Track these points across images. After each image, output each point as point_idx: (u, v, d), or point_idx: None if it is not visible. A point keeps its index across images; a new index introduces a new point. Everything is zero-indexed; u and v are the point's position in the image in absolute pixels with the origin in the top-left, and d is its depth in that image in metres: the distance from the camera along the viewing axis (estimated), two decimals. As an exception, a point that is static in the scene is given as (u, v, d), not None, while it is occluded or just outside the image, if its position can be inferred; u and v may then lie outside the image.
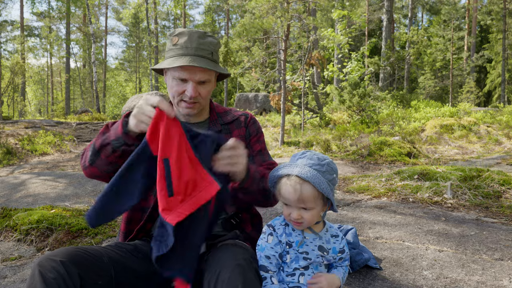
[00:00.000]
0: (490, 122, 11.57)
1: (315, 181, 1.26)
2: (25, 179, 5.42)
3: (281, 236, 1.34)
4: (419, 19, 40.95)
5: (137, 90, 41.49)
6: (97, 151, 1.40)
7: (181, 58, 1.50)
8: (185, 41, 1.53)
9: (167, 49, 1.59)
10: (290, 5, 10.68)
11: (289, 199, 1.28)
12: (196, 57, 1.51)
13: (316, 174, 1.27)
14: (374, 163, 6.95)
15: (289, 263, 1.34)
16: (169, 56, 1.56)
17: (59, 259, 1.14)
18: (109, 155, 1.37)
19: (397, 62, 18.22)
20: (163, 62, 1.55)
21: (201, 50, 1.53)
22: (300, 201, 1.26)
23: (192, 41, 1.52)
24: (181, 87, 1.54)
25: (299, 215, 1.28)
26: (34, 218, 2.75)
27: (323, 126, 13.39)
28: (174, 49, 1.54)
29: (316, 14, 22.48)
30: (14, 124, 13.00)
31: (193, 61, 1.48)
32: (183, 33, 1.55)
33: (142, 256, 1.41)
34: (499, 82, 27.12)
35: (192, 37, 1.53)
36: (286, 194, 1.28)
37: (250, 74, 12.43)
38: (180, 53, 1.52)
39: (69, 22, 30.54)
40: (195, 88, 1.53)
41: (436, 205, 3.30)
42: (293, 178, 1.27)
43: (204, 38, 1.55)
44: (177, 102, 1.57)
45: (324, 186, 1.27)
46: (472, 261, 1.98)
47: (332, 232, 1.42)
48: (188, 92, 1.52)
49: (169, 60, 1.52)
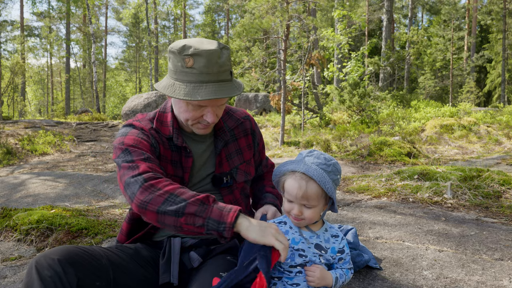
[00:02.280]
0: (490, 122, 11.57)
1: (321, 179, 1.27)
2: (25, 179, 5.43)
3: None
4: (419, 19, 40.96)
5: (137, 90, 41.50)
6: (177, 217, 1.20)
7: (202, 87, 1.32)
8: (204, 65, 1.32)
9: (176, 69, 1.37)
10: (290, 5, 10.68)
11: (293, 194, 1.29)
12: (219, 85, 1.34)
13: (322, 173, 1.29)
14: (374, 163, 6.95)
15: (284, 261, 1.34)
16: (182, 80, 1.35)
17: (57, 257, 1.14)
18: (189, 229, 1.21)
19: (397, 62, 18.22)
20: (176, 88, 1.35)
21: (222, 74, 1.35)
22: (304, 197, 1.28)
23: (213, 65, 1.32)
24: (198, 113, 1.40)
25: (300, 212, 1.29)
26: (34, 218, 2.75)
27: (323, 126, 13.38)
28: (189, 73, 1.33)
29: (316, 14, 22.48)
30: (14, 124, 13.00)
31: (218, 91, 1.33)
32: (199, 53, 1.31)
33: (142, 260, 1.41)
34: (499, 82, 27.12)
35: (212, 59, 1.32)
36: (291, 189, 1.29)
37: (250, 74, 12.44)
38: (199, 80, 1.33)
39: (69, 22, 30.54)
40: (215, 112, 1.41)
41: (436, 205, 3.30)
42: (299, 175, 1.28)
43: (221, 57, 1.34)
44: (192, 124, 1.45)
45: (329, 186, 1.28)
46: (472, 261, 1.98)
47: (333, 232, 1.42)
48: (208, 118, 1.40)
49: (187, 88, 1.33)
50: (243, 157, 1.64)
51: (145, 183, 1.24)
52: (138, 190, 1.24)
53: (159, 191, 1.23)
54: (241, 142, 1.65)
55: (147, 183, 1.25)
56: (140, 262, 1.39)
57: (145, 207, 1.22)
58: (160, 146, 1.49)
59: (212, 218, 1.19)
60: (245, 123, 1.68)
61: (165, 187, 1.24)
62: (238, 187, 1.61)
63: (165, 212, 1.20)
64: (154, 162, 1.38)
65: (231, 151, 1.61)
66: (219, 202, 1.25)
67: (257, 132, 1.72)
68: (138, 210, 1.25)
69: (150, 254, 1.46)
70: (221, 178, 1.55)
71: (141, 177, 1.26)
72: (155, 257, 1.46)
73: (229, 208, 1.21)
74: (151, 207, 1.21)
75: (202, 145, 1.57)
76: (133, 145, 1.39)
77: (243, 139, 1.66)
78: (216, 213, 1.19)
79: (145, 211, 1.23)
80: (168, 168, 1.49)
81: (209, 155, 1.57)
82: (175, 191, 1.23)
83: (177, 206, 1.19)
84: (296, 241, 1.34)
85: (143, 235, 1.52)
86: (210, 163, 1.57)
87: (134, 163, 1.32)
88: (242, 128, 1.67)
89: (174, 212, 1.19)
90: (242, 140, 1.65)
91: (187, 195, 1.22)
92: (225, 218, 1.18)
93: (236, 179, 1.59)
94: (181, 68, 1.35)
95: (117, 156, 1.38)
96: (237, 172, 1.60)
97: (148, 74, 37.41)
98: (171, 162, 1.50)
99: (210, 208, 1.20)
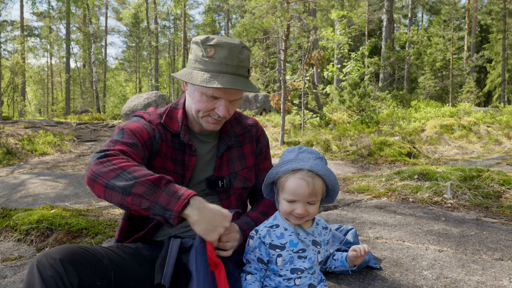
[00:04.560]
0: (490, 122, 11.57)
1: (325, 173, 1.28)
2: (25, 179, 5.43)
3: (264, 238, 1.33)
4: (419, 19, 40.97)
5: (137, 90, 41.51)
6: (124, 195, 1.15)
7: (219, 77, 1.34)
8: (225, 56, 1.35)
9: (196, 58, 1.40)
10: (290, 5, 10.69)
11: (301, 193, 1.26)
12: (236, 77, 1.37)
13: (324, 166, 1.30)
14: (374, 163, 6.95)
15: (282, 265, 1.32)
16: (201, 69, 1.38)
17: (58, 257, 1.13)
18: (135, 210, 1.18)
19: (397, 62, 18.22)
20: (194, 76, 1.38)
21: (240, 68, 1.38)
22: (312, 194, 1.27)
23: (233, 58, 1.36)
24: (211, 105, 1.41)
25: (306, 210, 1.28)
26: (34, 218, 2.75)
27: (323, 126, 13.38)
28: (209, 62, 1.36)
29: (316, 14, 22.49)
30: (14, 124, 13.00)
31: (235, 83, 1.35)
32: (221, 45, 1.36)
33: (142, 260, 1.41)
34: (499, 82, 27.13)
35: (233, 52, 1.36)
36: (297, 188, 1.26)
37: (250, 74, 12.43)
38: (218, 69, 1.35)
39: (69, 22, 30.54)
40: (227, 107, 1.42)
41: (436, 205, 3.30)
42: (305, 172, 1.27)
43: (242, 53, 1.39)
44: (202, 116, 1.45)
45: (333, 177, 1.30)
46: (472, 261, 1.98)
47: (322, 224, 1.44)
48: (220, 111, 1.41)
49: (204, 76, 1.36)
50: (245, 163, 1.63)
51: (103, 157, 1.20)
52: (93, 162, 1.20)
53: (113, 166, 1.17)
54: (245, 148, 1.64)
55: (105, 158, 1.20)
56: (141, 262, 1.39)
57: (95, 179, 1.17)
58: (163, 143, 1.49)
59: (159, 203, 1.14)
60: (252, 130, 1.68)
61: (120, 163, 1.19)
62: (235, 193, 1.61)
63: (113, 188, 1.14)
64: (136, 150, 1.35)
65: (233, 156, 1.61)
66: (174, 185, 1.18)
67: (262, 140, 1.71)
68: (88, 182, 1.20)
69: (150, 254, 1.46)
70: (216, 182, 1.55)
71: (103, 153, 1.23)
72: (156, 257, 1.46)
73: (180, 194, 1.14)
74: (100, 180, 1.16)
75: (206, 146, 1.57)
76: (131, 129, 1.40)
77: (248, 146, 1.66)
78: (164, 198, 1.13)
79: (94, 183, 1.18)
80: (168, 165, 1.49)
81: (211, 157, 1.58)
82: (129, 168, 1.17)
83: (126, 183, 1.13)
84: (294, 242, 1.33)
85: (144, 235, 1.52)
86: (211, 165, 1.57)
87: (114, 143, 1.32)
88: (248, 135, 1.67)
89: (121, 189, 1.14)
90: (246, 147, 1.65)
91: (140, 173, 1.15)
92: (173, 205, 1.13)
93: (233, 184, 1.59)
94: (202, 57, 1.37)
95: (112, 135, 1.41)
96: (236, 178, 1.60)
97: (148, 74, 37.42)
98: (171, 159, 1.50)
99: (159, 192, 1.14)
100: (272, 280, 1.34)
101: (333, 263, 1.55)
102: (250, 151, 1.66)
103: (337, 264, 1.54)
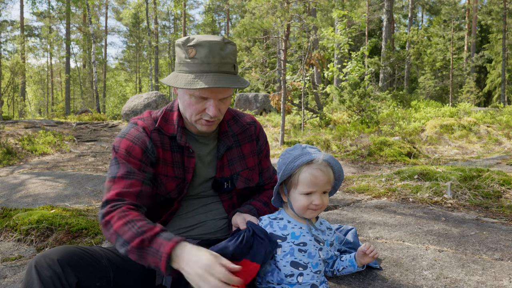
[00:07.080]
0: (490, 122, 11.57)
1: (334, 161, 1.36)
2: (25, 179, 5.42)
3: (266, 227, 1.37)
4: (419, 19, 40.98)
5: (137, 90, 41.51)
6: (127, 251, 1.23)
7: (203, 77, 1.32)
8: (205, 55, 1.33)
9: (180, 61, 1.39)
10: (290, 5, 10.69)
11: (318, 183, 1.30)
12: (220, 75, 1.34)
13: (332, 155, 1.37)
14: (374, 163, 6.96)
15: (282, 256, 1.33)
16: (185, 71, 1.37)
17: (56, 257, 1.14)
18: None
19: (397, 62, 18.21)
20: (179, 79, 1.37)
21: (224, 65, 1.35)
22: (328, 183, 1.33)
23: (215, 55, 1.33)
24: (201, 106, 1.39)
25: (322, 200, 1.32)
26: (34, 218, 2.75)
27: (323, 126, 13.38)
28: (191, 63, 1.35)
29: (316, 14, 22.48)
30: (14, 124, 13.00)
31: (218, 81, 1.32)
32: (201, 44, 1.33)
33: None
34: (499, 82, 27.13)
35: (214, 50, 1.33)
36: (314, 179, 1.30)
37: (250, 74, 12.44)
38: (201, 69, 1.33)
39: (69, 22, 30.56)
40: (217, 106, 1.40)
41: (436, 205, 3.30)
42: (322, 162, 1.32)
43: (225, 49, 1.36)
44: (195, 120, 1.44)
45: (339, 165, 1.37)
46: (472, 261, 1.98)
47: (326, 224, 1.46)
48: (210, 111, 1.38)
49: (188, 78, 1.34)
50: (246, 163, 1.63)
51: (102, 219, 1.29)
52: (100, 221, 1.31)
53: (111, 229, 1.25)
54: (244, 148, 1.63)
55: (104, 219, 1.28)
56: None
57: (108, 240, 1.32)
58: (159, 150, 1.47)
59: (150, 264, 1.19)
60: (250, 128, 1.67)
61: (115, 223, 1.25)
62: (238, 193, 1.63)
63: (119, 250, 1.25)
64: (134, 177, 1.37)
65: (233, 157, 1.60)
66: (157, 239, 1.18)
67: (261, 138, 1.70)
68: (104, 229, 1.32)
69: None
70: (221, 183, 1.55)
71: (103, 210, 1.30)
72: None
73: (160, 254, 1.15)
74: (110, 242, 1.29)
75: (205, 148, 1.56)
76: (124, 155, 1.40)
77: (247, 145, 1.65)
78: (152, 260, 1.17)
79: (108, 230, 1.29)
80: (169, 171, 1.48)
81: (212, 158, 1.57)
82: (120, 230, 1.23)
83: (124, 248, 1.22)
84: (296, 235, 1.34)
85: None
86: (212, 166, 1.57)
87: (111, 183, 1.37)
88: (247, 134, 1.65)
89: (124, 254, 1.24)
90: (246, 146, 1.64)
91: (127, 236, 1.20)
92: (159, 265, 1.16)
93: (236, 185, 1.59)
94: (185, 59, 1.36)
95: (110, 161, 1.44)
96: (238, 178, 1.60)
97: (148, 74, 37.42)
98: (172, 164, 1.49)
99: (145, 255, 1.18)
100: (274, 276, 1.34)
101: (341, 264, 1.53)
102: (250, 151, 1.66)
103: (345, 264, 1.52)
